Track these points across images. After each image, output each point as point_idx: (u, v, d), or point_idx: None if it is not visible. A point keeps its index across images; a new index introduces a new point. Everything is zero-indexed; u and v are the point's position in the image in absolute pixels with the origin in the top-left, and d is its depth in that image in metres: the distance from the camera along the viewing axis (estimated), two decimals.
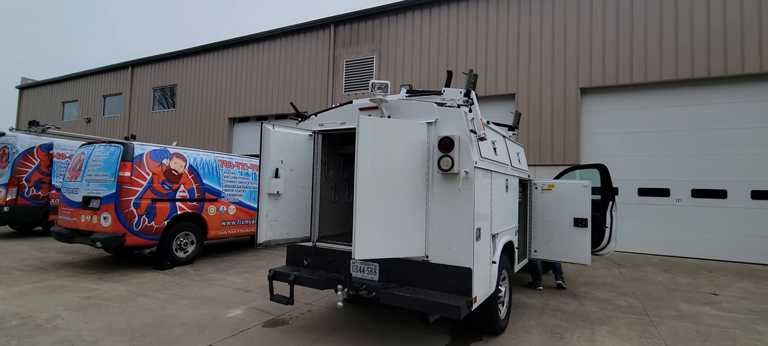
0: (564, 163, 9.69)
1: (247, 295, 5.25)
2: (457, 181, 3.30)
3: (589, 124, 10.09)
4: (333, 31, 13.92)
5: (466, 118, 3.37)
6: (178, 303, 4.81)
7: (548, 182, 5.71)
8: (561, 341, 3.89)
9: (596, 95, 10.09)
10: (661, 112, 9.28)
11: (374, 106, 3.67)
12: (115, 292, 5.24)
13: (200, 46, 17.24)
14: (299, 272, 3.96)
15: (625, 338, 4.02)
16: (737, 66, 8.53)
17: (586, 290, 5.90)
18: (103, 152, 6.53)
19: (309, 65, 14.35)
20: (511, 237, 4.49)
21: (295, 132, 4.13)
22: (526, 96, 10.62)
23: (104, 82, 20.87)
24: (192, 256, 7.13)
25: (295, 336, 3.85)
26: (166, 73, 18.46)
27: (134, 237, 6.27)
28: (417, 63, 12.34)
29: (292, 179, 4.03)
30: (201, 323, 4.14)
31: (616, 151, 9.62)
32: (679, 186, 9.04)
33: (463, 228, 3.30)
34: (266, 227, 3.79)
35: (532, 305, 5.05)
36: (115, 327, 3.97)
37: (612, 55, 9.74)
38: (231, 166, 7.99)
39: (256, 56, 15.70)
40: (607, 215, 5.80)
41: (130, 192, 6.22)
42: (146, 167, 6.48)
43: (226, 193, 7.75)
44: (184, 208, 6.93)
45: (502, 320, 4.09)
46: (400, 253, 3.30)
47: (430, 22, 12.21)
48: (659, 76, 9.21)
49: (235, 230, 7.96)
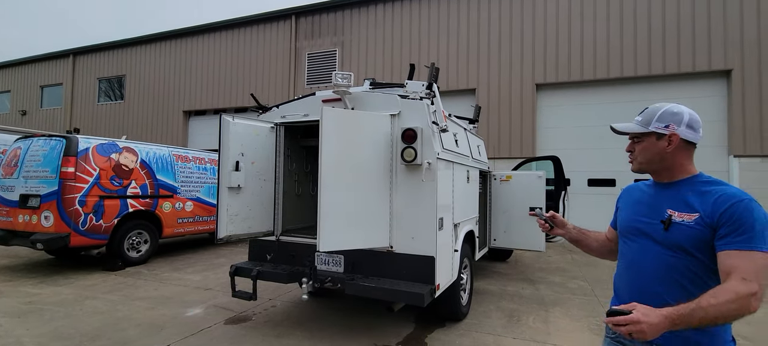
0: (521, 155, 10.12)
1: (207, 293, 5.08)
2: (420, 172, 3.37)
3: (545, 118, 10.61)
4: (294, 22, 13.61)
5: (429, 110, 3.45)
6: (131, 304, 4.57)
7: (506, 174, 5.96)
8: (518, 323, 4.09)
9: (551, 91, 10.61)
10: (608, 108, 9.93)
11: (338, 98, 3.66)
12: (59, 296, 4.88)
13: (152, 35, 16.26)
14: (262, 266, 3.89)
15: (575, 317, 4.30)
16: (674, 65, 9.30)
17: (541, 275, 6.24)
18: (43, 147, 6.03)
19: (270, 57, 13.96)
20: (472, 226, 4.66)
21: (257, 124, 4.03)
22: (485, 91, 10.96)
23: (42, 71, 19.18)
24: (146, 255, 6.77)
25: (258, 332, 3.79)
26: (113, 63, 17.26)
27: (80, 237, 5.86)
28: (380, 57, 12.37)
29: (254, 172, 3.94)
30: (157, 324, 3.96)
31: (569, 144, 10.18)
32: (624, 176, 9.73)
33: (426, 218, 3.38)
34: (227, 222, 3.69)
35: (492, 292, 5.26)
36: (61, 332, 3.71)
37: (564, 54, 10.27)
38: (187, 161, 7.65)
39: (214, 46, 15.04)
40: (560, 204, 6.15)
41: (74, 189, 5.80)
42: (93, 162, 6.06)
43: (183, 189, 7.41)
44: (136, 205, 6.56)
45: (464, 306, 4.24)
46: (364, 244, 3.33)
47: (393, 16, 12.26)
48: (607, 74, 9.85)
49: (192, 228, 7.64)
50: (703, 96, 9.22)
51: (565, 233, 1.76)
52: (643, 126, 1.41)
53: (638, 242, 1.43)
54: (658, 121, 1.37)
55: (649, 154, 1.41)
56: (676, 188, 1.38)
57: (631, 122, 1.46)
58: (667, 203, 1.37)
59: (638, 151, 1.45)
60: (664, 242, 1.34)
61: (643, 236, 1.41)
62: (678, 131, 1.34)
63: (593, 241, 1.73)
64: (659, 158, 1.39)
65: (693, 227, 1.27)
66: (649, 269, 1.37)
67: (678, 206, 1.34)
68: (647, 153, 1.41)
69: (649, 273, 1.37)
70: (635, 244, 1.44)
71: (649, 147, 1.40)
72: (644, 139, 1.41)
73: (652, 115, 1.40)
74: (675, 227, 1.31)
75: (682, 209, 1.32)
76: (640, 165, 1.46)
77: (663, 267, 1.33)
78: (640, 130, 1.41)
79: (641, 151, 1.44)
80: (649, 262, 1.37)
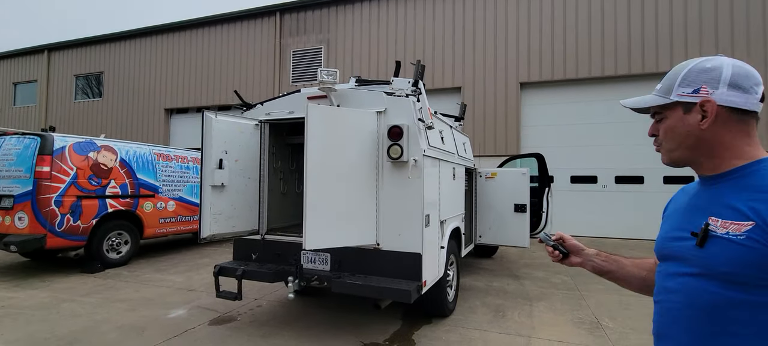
0: (506, 153, 10.24)
1: (190, 294, 4.98)
2: (406, 169, 3.37)
3: (529, 116, 10.76)
4: (279, 19, 13.45)
5: (415, 107, 3.45)
6: (111, 307, 4.45)
7: (491, 171, 6.03)
8: (504, 318, 4.15)
9: (535, 90, 10.76)
10: (591, 106, 10.13)
11: (323, 95, 3.64)
12: (35, 299, 4.72)
13: (132, 30, 15.83)
14: (247, 266, 3.84)
15: (559, 311, 4.38)
16: (652, 65, 9.55)
17: (526, 271, 6.33)
18: (16, 145, 5.81)
19: (254, 54, 13.76)
20: (458, 223, 4.69)
21: (241, 121, 3.97)
22: (471, 89, 11.05)
23: (14, 67, 18.48)
24: (126, 257, 6.60)
25: (243, 332, 3.74)
26: (90, 59, 16.74)
27: (57, 239, 5.67)
28: (366, 55, 12.33)
29: (238, 170, 3.88)
30: (139, 326, 3.87)
31: (552, 142, 10.34)
32: (605, 173, 9.97)
33: (412, 215, 3.38)
34: (210, 221, 3.62)
35: (477, 288, 5.32)
36: (36, 337, 3.59)
37: (548, 53, 10.43)
38: (169, 159, 7.49)
39: (196, 43, 14.74)
40: (543, 201, 6.25)
41: (50, 189, 5.61)
42: (69, 161, 5.87)
43: (164, 188, 7.25)
44: (115, 205, 6.38)
45: (451, 302, 4.27)
46: (351, 242, 3.32)
47: (379, 14, 12.24)
48: (588, 73, 10.05)
49: (175, 228, 7.49)
50: None
51: (584, 262, 1.29)
52: (662, 95, 0.96)
53: (664, 269, 0.98)
54: (682, 85, 0.92)
55: (677, 137, 0.95)
56: (722, 185, 0.90)
57: (649, 94, 1.00)
58: (709, 206, 0.90)
59: (663, 135, 0.99)
60: (696, 265, 0.86)
61: (670, 260, 0.96)
62: (715, 96, 0.88)
63: (632, 268, 1.20)
64: (693, 141, 0.92)
65: (743, 244, 0.79)
66: (673, 310, 0.91)
67: (721, 210, 0.86)
68: (675, 135, 0.95)
69: (674, 318, 0.91)
70: (659, 274, 1.00)
71: (676, 126, 0.95)
72: (669, 116, 0.97)
73: (674, 79, 0.94)
74: (714, 242, 0.84)
75: (727, 214, 0.84)
76: (671, 155, 0.99)
77: (695, 308, 0.86)
78: (659, 101, 0.97)
79: (667, 134, 0.98)
80: (676, 300, 0.90)
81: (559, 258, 1.33)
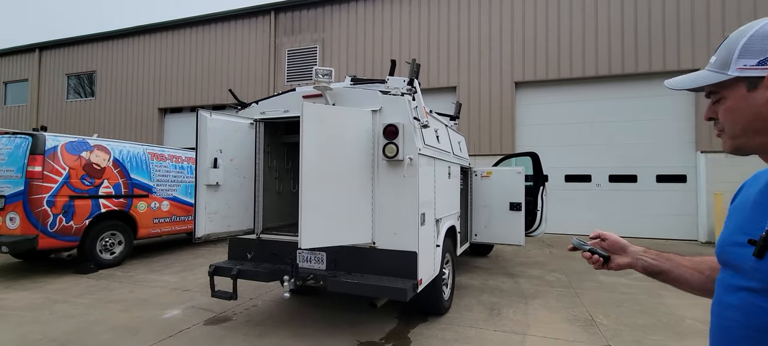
0: (501, 152, 10.28)
1: (185, 294, 4.95)
2: (401, 167, 3.38)
3: (523, 115, 10.80)
4: (273, 18, 13.39)
5: (410, 106, 3.46)
6: (104, 308, 4.41)
7: (487, 170, 6.05)
8: (499, 316, 4.17)
9: (529, 89, 10.81)
10: (585, 105, 10.20)
11: (318, 94, 3.63)
12: (27, 300, 4.67)
13: (125, 29, 15.69)
14: (243, 265, 3.82)
15: (554, 309, 4.41)
16: (645, 65, 9.61)
17: (521, 269, 6.36)
18: (7, 145, 5.74)
19: (248, 54, 13.70)
20: (453, 222, 4.70)
21: (235, 120, 3.95)
22: (466, 89, 11.08)
23: (5, 66, 18.25)
24: (120, 257, 6.55)
25: (239, 332, 3.72)
26: (83, 58, 16.57)
27: (49, 239, 5.61)
28: (361, 55, 12.32)
29: (233, 169, 3.86)
30: (133, 327, 3.84)
31: (547, 141, 10.40)
32: (599, 172, 10.04)
33: (408, 213, 3.39)
34: (205, 220, 3.60)
35: (473, 286, 5.34)
36: (28, 338, 3.55)
37: (542, 53, 10.48)
38: (163, 159, 7.43)
39: (190, 42, 14.65)
40: (538, 199, 6.28)
41: (42, 189, 5.55)
42: (62, 161, 5.81)
43: (158, 188, 7.20)
44: (109, 205, 6.32)
45: (446, 300, 4.28)
46: (347, 240, 3.32)
47: (374, 13, 12.23)
48: (583, 73, 10.11)
49: (169, 228, 7.43)
50: (671, 94, 9.58)
51: (633, 262, 1.10)
52: (718, 70, 0.78)
53: (723, 278, 0.83)
54: (743, 56, 0.74)
55: (741, 121, 0.78)
56: None
57: (702, 69, 0.82)
58: None
59: (723, 118, 0.81)
60: (756, 279, 0.71)
61: (729, 269, 0.80)
62: None
63: (690, 267, 1.04)
64: (762, 124, 0.75)
65: None
66: (730, 329, 0.76)
67: None
68: (737, 118, 0.78)
69: (731, 338, 0.76)
70: (719, 282, 0.84)
71: (738, 106, 0.77)
72: (728, 95, 0.79)
73: (731, 48, 0.77)
74: None
75: None
76: (733, 142, 0.81)
77: (753, 328, 0.72)
78: (715, 78, 0.79)
79: (727, 116, 0.80)
80: (732, 317, 0.76)
81: (600, 263, 1.13)
